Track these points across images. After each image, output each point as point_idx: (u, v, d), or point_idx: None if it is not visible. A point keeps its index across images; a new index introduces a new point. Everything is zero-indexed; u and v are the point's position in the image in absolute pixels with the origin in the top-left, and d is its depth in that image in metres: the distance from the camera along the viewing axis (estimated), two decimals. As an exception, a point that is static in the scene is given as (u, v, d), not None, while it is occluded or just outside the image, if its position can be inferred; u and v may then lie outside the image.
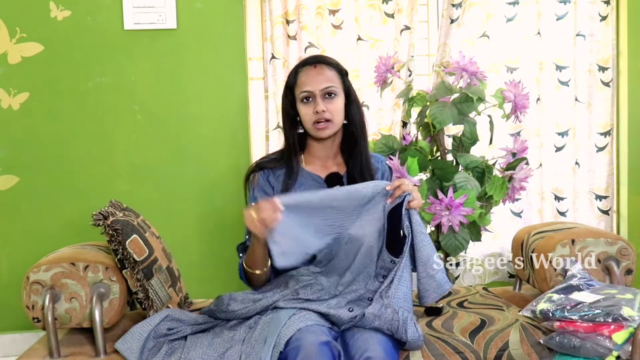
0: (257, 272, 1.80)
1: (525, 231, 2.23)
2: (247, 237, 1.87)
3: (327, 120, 1.82)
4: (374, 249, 1.74)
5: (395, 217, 1.73)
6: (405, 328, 1.68)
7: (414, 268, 1.76)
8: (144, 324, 1.72)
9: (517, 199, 2.58)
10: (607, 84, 2.85)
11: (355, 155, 1.89)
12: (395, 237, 1.74)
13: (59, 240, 2.26)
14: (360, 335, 1.63)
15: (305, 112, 1.84)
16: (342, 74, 1.89)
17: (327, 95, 1.82)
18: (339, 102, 1.84)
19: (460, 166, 2.28)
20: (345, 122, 1.88)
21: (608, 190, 2.91)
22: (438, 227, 2.34)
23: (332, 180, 1.89)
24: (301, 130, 1.88)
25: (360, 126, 1.90)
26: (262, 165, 1.92)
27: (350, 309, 1.69)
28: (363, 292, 1.74)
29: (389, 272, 1.73)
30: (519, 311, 1.87)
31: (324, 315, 1.68)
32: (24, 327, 2.66)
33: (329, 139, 1.88)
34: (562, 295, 1.73)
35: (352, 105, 1.89)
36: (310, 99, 1.83)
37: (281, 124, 2.01)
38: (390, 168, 2.00)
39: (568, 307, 1.65)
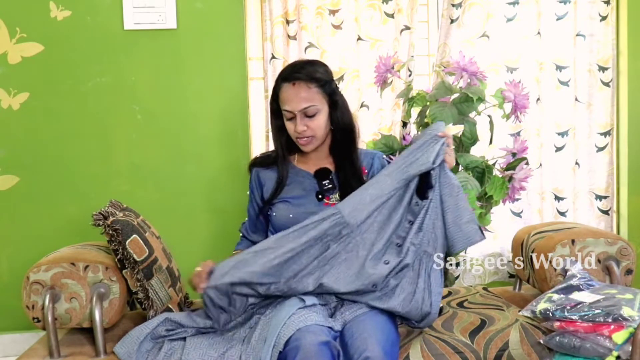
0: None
1: (525, 231, 2.23)
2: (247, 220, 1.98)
3: (309, 136, 1.85)
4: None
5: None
6: (431, 301, 1.73)
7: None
8: (142, 328, 1.72)
9: (517, 199, 2.58)
10: (607, 84, 2.84)
11: (342, 158, 1.92)
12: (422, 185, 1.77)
13: (59, 240, 2.26)
14: (360, 335, 1.63)
15: (289, 127, 1.88)
16: (324, 84, 1.85)
17: (307, 115, 1.83)
18: (320, 119, 1.85)
19: (460, 166, 2.28)
20: (331, 128, 1.90)
21: (608, 190, 2.91)
22: (438, 227, 2.34)
23: (321, 175, 1.92)
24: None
25: (347, 130, 1.91)
26: (255, 163, 2.00)
27: (386, 262, 1.71)
28: (393, 239, 1.76)
29: (416, 217, 1.75)
30: (519, 311, 1.87)
31: (326, 311, 1.70)
32: (24, 327, 2.66)
33: (315, 148, 1.91)
34: (562, 295, 1.73)
35: (337, 111, 1.89)
36: (292, 117, 1.85)
37: None
38: (388, 162, 1.99)
39: (568, 307, 1.65)
